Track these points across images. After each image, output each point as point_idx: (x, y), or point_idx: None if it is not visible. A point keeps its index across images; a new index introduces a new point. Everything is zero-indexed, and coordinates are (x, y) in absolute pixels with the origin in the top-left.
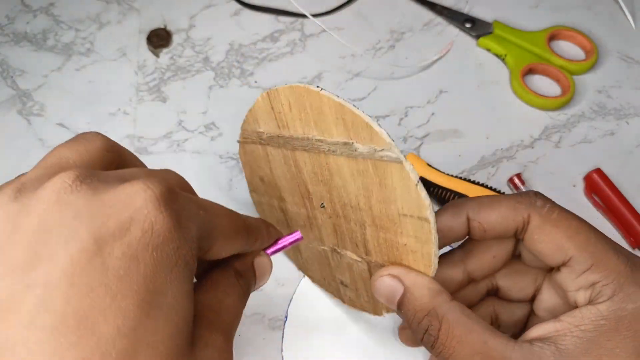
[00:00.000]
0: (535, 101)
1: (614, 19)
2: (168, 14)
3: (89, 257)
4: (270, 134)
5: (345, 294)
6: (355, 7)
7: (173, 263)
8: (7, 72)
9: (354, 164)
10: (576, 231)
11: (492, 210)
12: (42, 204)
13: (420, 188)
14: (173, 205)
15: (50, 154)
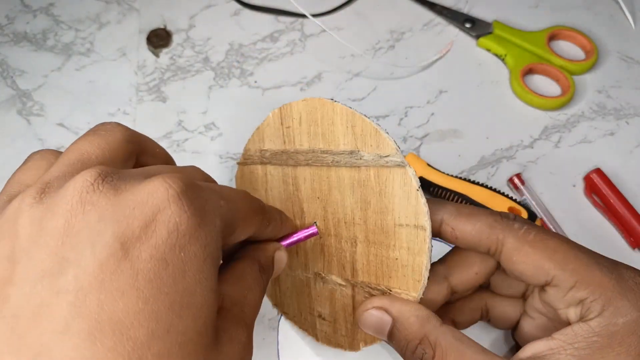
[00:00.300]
0: (535, 101)
1: (614, 19)
2: (168, 14)
3: (117, 262)
4: (274, 151)
5: (322, 329)
6: (355, 7)
7: (201, 261)
8: (7, 72)
9: (356, 173)
10: (554, 250)
11: (469, 222)
12: (66, 205)
13: (420, 194)
14: (196, 201)
15: (71, 148)
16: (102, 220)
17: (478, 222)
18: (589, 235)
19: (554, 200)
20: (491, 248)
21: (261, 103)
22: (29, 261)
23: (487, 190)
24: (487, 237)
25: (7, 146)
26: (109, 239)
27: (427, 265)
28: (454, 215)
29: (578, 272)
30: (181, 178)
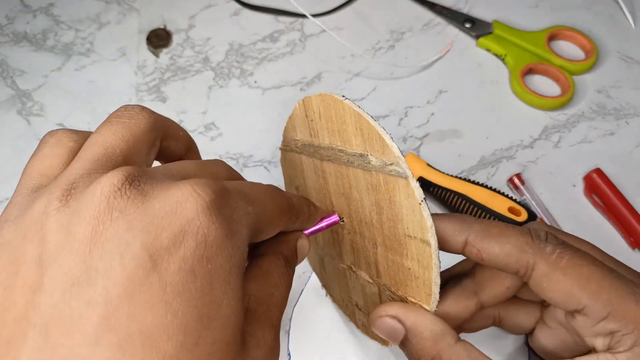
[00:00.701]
0: (535, 101)
1: (614, 19)
2: (168, 14)
3: (145, 273)
4: (304, 142)
5: (359, 318)
6: (355, 7)
7: (227, 272)
8: (7, 72)
9: (369, 177)
10: (588, 278)
11: (497, 244)
12: (93, 210)
13: (423, 207)
14: (224, 211)
15: (95, 140)
16: (130, 229)
17: (508, 244)
18: (589, 235)
19: (554, 200)
20: (520, 271)
21: (261, 103)
22: (58, 268)
23: (487, 190)
24: (516, 261)
25: (7, 146)
26: (138, 250)
27: (436, 281)
28: (481, 236)
29: (612, 303)
30: (210, 185)
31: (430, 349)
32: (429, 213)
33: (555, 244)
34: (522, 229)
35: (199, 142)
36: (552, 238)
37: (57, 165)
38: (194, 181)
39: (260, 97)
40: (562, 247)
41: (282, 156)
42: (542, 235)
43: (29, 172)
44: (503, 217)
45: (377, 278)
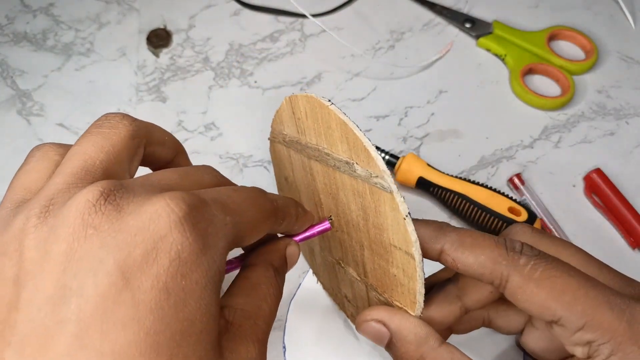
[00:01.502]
0: (535, 101)
1: (614, 19)
2: (168, 14)
3: (118, 291)
4: (292, 138)
5: (348, 309)
6: (355, 7)
7: (202, 287)
8: (7, 72)
9: (355, 183)
10: (562, 290)
11: (471, 254)
12: (69, 227)
13: (408, 222)
14: (198, 225)
15: (75, 152)
16: (103, 246)
17: (482, 255)
18: (589, 235)
19: (554, 200)
20: (494, 282)
21: (261, 103)
22: (33, 287)
23: (487, 190)
24: (490, 272)
25: (7, 146)
26: (110, 268)
27: (421, 291)
28: (456, 245)
29: (587, 313)
30: (185, 199)
31: (414, 352)
32: (413, 228)
33: (530, 255)
34: (498, 239)
35: (199, 142)
36: (527, 249)
37: (41, 179)
38: (168, 195)
39: (260, 97)
40: (537, 258)
41: (271, 146)
42: (517, 247)
43: (14, 186)
44: (503, 217)
45: (364, 277)
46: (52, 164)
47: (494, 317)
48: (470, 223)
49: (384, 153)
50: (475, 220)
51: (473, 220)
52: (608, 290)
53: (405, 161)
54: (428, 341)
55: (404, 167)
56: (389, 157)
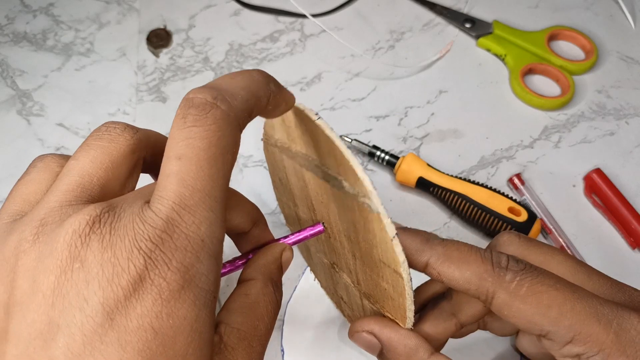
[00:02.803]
0: (535, 101)
1: (614, 19)
2: (168, 14)
3: (104, 331)
4: (283, 144)
5: (345, 309)
6: (355, 7)
7: (192, 320)
8: (7, 72)
9: (344, 198)
10: (548, 306)
11: (457, 270)
12: (57, 259)
13: (395, 243)
14: (172, 263)
15: (72, 167)
16: (88, 282)
17: (467, 270)
18: (589, 235)
19: (554, 200)
20: (480, 297)
21: None
22: (22, 318)
23: (487, 190)
24: (476, 287)
25: (7, 146)
26: (96, 307)
27: (410, 308)
28: (442, 259)
29: (574, 327)
30: (154, 236)
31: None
32: (401, 249)
33: (516, 270)
34: (485, 253)
35: None
36: (513, 263)
37: (41, 191)
38: (139, 233)
39: None
40: (523, 273)
41: (265, 147)
42: (503, 262)
43: (13, 196)
44: (503, 217)
45: (357, 285)
46: (52, 175)
47: (489, 320)
48: (470, 223)
49: (384, 153)
50: (475, 220)
51: (473, 220)
52: (595, 301)
53: (405, 161)
54: (418, 352)
55: (404, 167)
56: (389, 157)
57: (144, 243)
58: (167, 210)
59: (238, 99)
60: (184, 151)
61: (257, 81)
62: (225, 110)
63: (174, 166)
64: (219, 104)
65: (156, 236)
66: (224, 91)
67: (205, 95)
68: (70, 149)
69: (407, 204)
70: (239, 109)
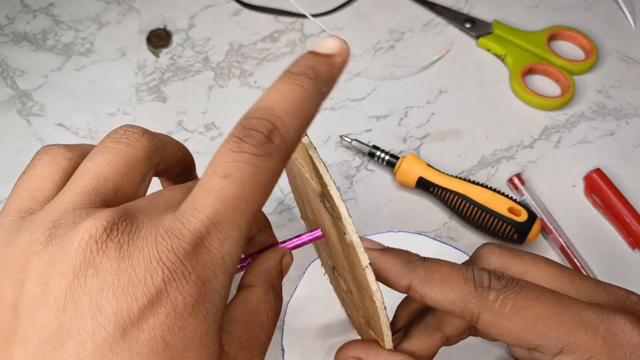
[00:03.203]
0: (535, 101)
1: (614, 19)
2: (168, 14)
3: (115, 341)
4: None
5: (346, 309)
6: (355, 7)
7: (202, 334)
8: (7, 72)
9: (329, 216)
10: (534, 321)
11: (440, 292)
12: (70, 264)
13: (368, 272)
14: (192, 275)
15: (88, 170)
16: (102, 290)
17: (450, 293)
18: (589, 235)
19: (554, 200)
20: (466, 317)
21: None
22: (32, 322)
23: (487, 190)
24: (460, 309)
25: (7, 146)
26: (109, 316)
27: (387, 332)
28: (424, 282)
29: (562, 338)
30: (178, 247)
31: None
32: (373, 278)
33: (499, 288)
34: (467, 274)
35: (199, 142)
36: (495, 282)
37: (48, 187)
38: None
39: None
40: (506, 290)
41: None
42: (485, 281)
43: (19, 191)
44: (503, 217)
45: (351, 295)
46: (59, 171)
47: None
48: (470, 223)
49: (384, 153)
50: (475, 220)
51: (473, 220)
52: (579, 307)
53: (405, 161)
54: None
55: (404, 167)
56: (389, 157)
57: (165, 255)
58: (198, 223)
59: (291, 132)
60: (232, 172)
61: (310, 98)
62: (278, 146)
63: (217, 183)
64: (273, 139)
65: (180, 248)
66: (279, 122)
67: (262, 129)
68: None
69: (407, 204)
70: (290, 143)
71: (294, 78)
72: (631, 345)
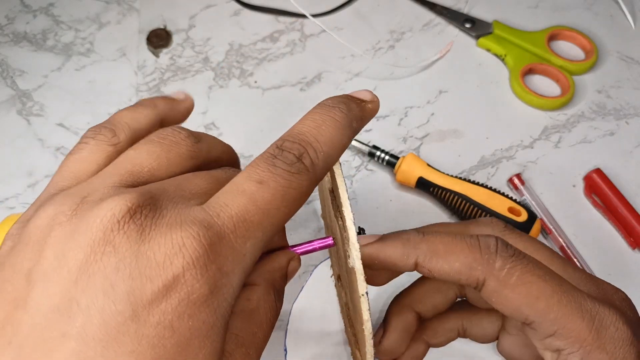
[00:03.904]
0: (535, 101)
1: (614, 19)
2: (168, 14)
3: (124, 321)
4: None
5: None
6: (355, 7)
7: (210, 327)
8: (7, 72)
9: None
10: (536, 297)
11: (445, 262)
12: (89, 238)
13: (362, 301)
14: (212, 265)
15: (128, 157)
16: (118, 270)
17: (456, 262)
18: (589, 235)
19: (554, 200)
20: (471, 284)
21: (261, 103)
22: (43, 290)
23: (487, 190)
24: (466, 278)
25: (7, 146)
26: (121, 295)
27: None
28: (429, 256)
29: (558, 322)
30: (203, 237)
31: None
32: (367, 307)
33: (506, 256)
34: (472, 242)
35: None
36: (502, 248)
37: (91, 171)
38: (187, 231)
39: (260, 97)
40: (513, 260)
41: None
42: (492, 246)
43: (63, 172)
44: (503, 217)
45: (348, 310)
46: (104, 156)
47: (468, 327)
48: None
49: (384, 153)
50: None
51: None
52: (580, 295)
53: (405, 161)
54: None
55: (404, 167)
56: (389, 157)
57: (190, 241)
58: (227, 218)
59: (321, 157)
60: (266, 180)
61: (341, 129)
62: (307, 168)
63: (251, 186)
64: (303, 161)
65: (207, 238)
66: (309, 147)
67: (294, 151)
68: (70, 149)
69: (407, 204)
70: (320, 168)
71: (328, 110)
72: (621, 340)
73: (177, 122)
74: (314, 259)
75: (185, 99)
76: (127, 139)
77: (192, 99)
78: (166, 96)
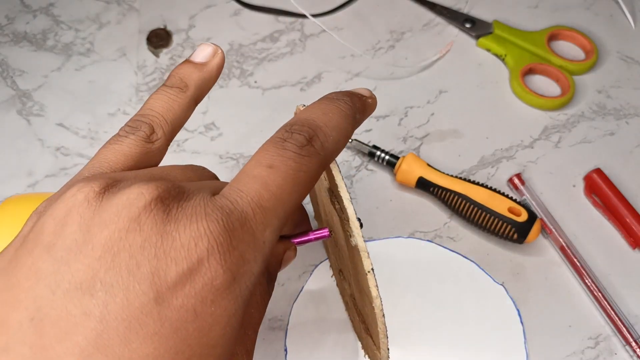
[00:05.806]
0: (535, 101)
1: (614, 19)
2: (168, 14)
3: (147, 302)
4: None
5: (349, 313)
6: (355, 7)
7: (231, 314)
8: (7, 72)
9: (339, 219)
10: None
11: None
12: (116, 215)
13: (370, 278)
14: (235, 252)
15: (165, 170)
16: (143, 250)
17: None
18: (589, 235)
19: (554, 200)
20: None
21: (261, 103)
22: (66, 265)
23: (487, 190)
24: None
25: (7, 146)
26: (146, 275)
27: (384, 341)
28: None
29: None
30: (227, 224)
31: None
32: (375, 284)
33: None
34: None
35: (199, 142)
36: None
37: (128, 166)
38: (211, 216)
39: (260, 97)
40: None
41: None
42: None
43: (100, 159)
44: (503, 217)
45: (354, 300)
46: (143, 152)
47: None
48: (471, 223)
49: (384, 153)
50: (475, 220)
51: (473, 220)
52: None
53: (405, 161)
54: None
55: (404, 167)
56: (389, 157)
57: (215, 225)
58: (244, 203)
59: (330, 140)
60: (276, 163)
61: (346, 117)
62: (317, 150)
63: (262, 171)
64: (313, 144)
65: (230, 223)
66: (319, 131)
67: (304, 133)
68: (71, 149)
69: (407, 204)
70: (329, 151)
71: (332, 101)
72: None
73: (210, 88)
74: (314, 259)
75: (212, 56)
76: (164, 134)
77: (221, 53)
78: (193, 63)
